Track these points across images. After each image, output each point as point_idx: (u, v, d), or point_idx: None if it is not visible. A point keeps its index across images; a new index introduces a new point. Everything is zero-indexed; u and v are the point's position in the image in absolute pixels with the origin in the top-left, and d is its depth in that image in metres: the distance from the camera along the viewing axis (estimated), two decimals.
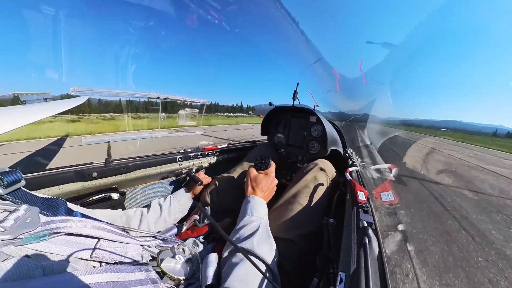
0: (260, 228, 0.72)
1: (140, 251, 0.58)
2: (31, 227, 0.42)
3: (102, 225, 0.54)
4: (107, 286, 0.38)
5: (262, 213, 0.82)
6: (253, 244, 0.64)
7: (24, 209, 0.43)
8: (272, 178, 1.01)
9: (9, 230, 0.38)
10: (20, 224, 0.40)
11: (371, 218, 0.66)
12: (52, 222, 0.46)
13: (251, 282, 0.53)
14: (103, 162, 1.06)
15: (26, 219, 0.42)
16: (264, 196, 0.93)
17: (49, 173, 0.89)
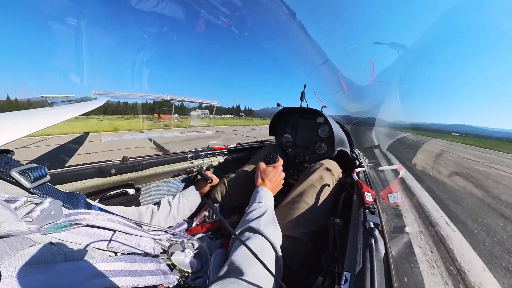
0: (267, 212, 0.75)
1: (152, 244, 0.59)
2: (55, 218, 0.44)
3: (117, 219, 0.56)
4: (121, 274, 0.40)
5: (269, 201, 0.86)
6: (259, 223, 0.67)
7: (48, 202, 0.46)
8: (279, 171, 1.05)
9: (35, 220, 0.40)
10: (45, 215, 0.42)
11: (378, 219, 0.63)
12: (73, 214, 0.49)
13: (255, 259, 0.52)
14: (120, 160, 1.10)
15: (50, 211, 0.44)
16: (272, 187, 0.97)
17: (72, 169, 0.93)
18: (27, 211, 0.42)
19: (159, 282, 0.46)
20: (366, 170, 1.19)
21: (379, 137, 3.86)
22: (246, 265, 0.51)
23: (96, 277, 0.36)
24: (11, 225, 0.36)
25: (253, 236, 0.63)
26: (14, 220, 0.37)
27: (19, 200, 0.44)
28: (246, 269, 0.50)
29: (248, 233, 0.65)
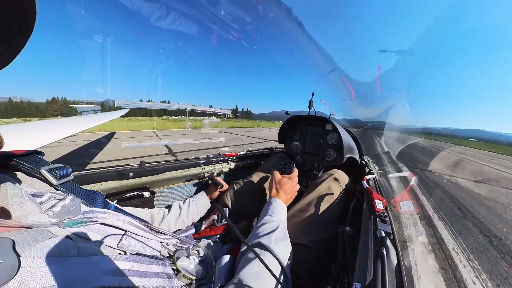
0: (279, 228, 0.71)
1: (159, 247, 0.59)
2: (73, 214, 0.46)
3: (129, 220, 0.57)
4: (128, 273, 0.40)
5: (282, 215, 0.81)
6: (270, 240, 0.63)
7: (69, 199, 0.48)
8: (295, 183, 1.01)
9: (56, 214, 0.42)
10: (65, 211, 0.44)
11: (389, 228, 0.60)
12: (90, 212, 0.51)
13: (264, 278, 0.51)
14: (138, 164, 1.13)
15: (70, 207, 0.46)
16: (286, 199, 0.93)
17: (95, 171, 0.97)
18: (50, 206, 0.44)
19: (163, 285, 0.46)
20: (376, 177, 1.14)
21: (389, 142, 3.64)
22: (254, 284, 0.49)
23: (106, 274, 0.37)
24: (35, 216, 0.38)
25: (262, 254, 0.59)
26: (38, 212, 0.39)
27: (44, 195, 0.47)
28: None
29: (257, 249, 0.61)
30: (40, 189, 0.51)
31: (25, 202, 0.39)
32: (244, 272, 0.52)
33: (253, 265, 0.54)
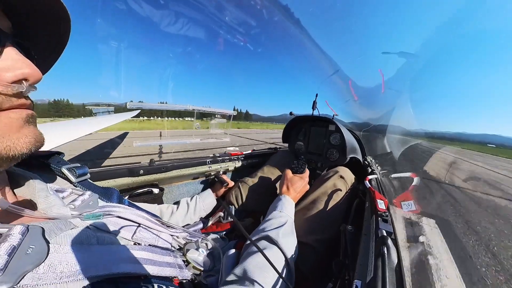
0: (287, 223, 0.72)
1: (170, 240, 0.60)
2: (92, 208, 0.48)
3: (143, 214, 0.58)
4: (143, 261, 0.42)
5: (290, 212, 0.82)
6: (278, 234, 0.64)
7: (88, 194, 0.51)
8: (305, 183, 1.01)
9: (77, 208, 0.44)
10: (84, 205, 0.47)
11: (391, 228, 0.59)
12: (107, 206, 0.52)
13: (268, 270, 0.51)
14: (148, 162, 1.15)
15: (89, 201, 0.49)
16: (295, 197, 0.94)
17: (108, 169, 1.00)
18: (71, 200, 0.47)
19: (175, 274, 0.47)
20: (378, 178, 1.12)
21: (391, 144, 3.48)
22: (258, 275, 0.50)
23: (123, 262, 0.38)
24: (58, 209, 0.40)
25: (269, 247, 0.60)
26: (61, 205, 0.42)
27: (66, 191, 0.49)
28: (258, 279, 0.49)
29: (265, 242, 0.62)
30: (62, 185, 0.54)
31: (50, 196, 0.42)
32: (249, 262, 0.53)
33: (259, 257, 0.54)
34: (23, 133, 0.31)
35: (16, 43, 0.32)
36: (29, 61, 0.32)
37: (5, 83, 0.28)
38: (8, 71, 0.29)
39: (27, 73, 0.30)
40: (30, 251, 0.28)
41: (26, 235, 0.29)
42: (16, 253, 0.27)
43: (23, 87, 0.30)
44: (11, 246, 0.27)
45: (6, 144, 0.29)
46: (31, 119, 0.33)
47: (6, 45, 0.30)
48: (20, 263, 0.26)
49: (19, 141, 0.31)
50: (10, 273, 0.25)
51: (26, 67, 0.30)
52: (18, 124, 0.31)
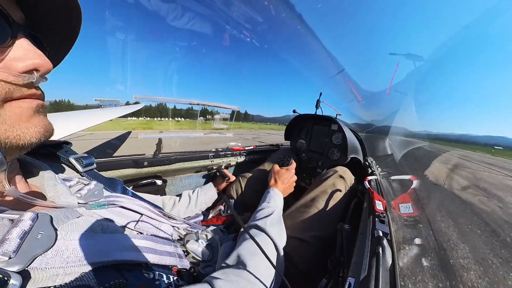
0: (274, 213, 0.74)
1: (171, 230, 0.62)
2: (97, 197, 0.49)
3: (145, 205, 0.60)
4: (144, 250, 0.43)
5: (279, 202, 0.85)
6: (266, 223, 0.66)
7: (94, 184, 0.52)
8: (292, 174, 1.04)
9: (83, 197, 0.45)
10: (90, 194, 0.48)
11: (387, 229, 0.59)
12: (111, 197, 0.54)
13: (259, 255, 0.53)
14: (152, 154, 1.17)
15: (94, 191, 0.50)
16: (284, 188, 0.96)
17: (114, 159, 1.02)
18: (77, 189, 0.48)
19: (175, 263, 0.48)
20: (378, 179, 1.11)
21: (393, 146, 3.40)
22: (250, 258, 0.51)
23: (125, 250, 0.39)
24: (66, 198, 0.41)
25: (257, 234, 0.62)
26: (68, 194, 0.43)
27: (73, 180, 0.50)
28: (249, 262, 0.50)
29: (254, 230, 0.65)
30: (69, 174, 0.55)
31: (57, 185, 0.43)
32: (241, 248, 0.55)
33: (251, 243, 0.56)
34: (33, 122, 0.32)
35: (28, 34, 0.32)
36: (40, 52, 0.32)
37: (16, 73, 0.28)
38: (19, 61, 0.29)
39: (37, 63, 0.30)
40: (40, 237, 0.29)
41: (36, 221, 0.30)
42: (27, 238, 0.28)
43: (33, 77, 0.30)
44: (22, 231, 0.28)
45: (16, 133, 0.29)
46: (41, 109, 0.33)
47: (19, 36, 0.30)
48: (31, 247, 0.27)
49: (29, 130, 0.31)
50: (22, 256, 0.26)
51: (37, 57, 0.30)
52: (28, 113, 0.31)
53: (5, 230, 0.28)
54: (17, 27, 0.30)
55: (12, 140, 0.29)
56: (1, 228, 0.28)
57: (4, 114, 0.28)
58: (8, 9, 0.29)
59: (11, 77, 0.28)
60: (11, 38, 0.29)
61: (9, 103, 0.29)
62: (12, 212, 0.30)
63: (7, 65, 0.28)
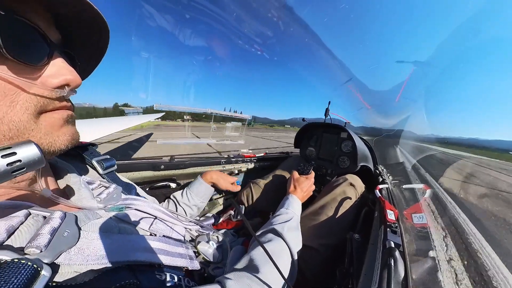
0: (292, 219, 0.72)
1: (183, 232, 0.62)
2: (115, 200, 0.51)
3: (159, 207, 0.61)
4: (158, 251, 0.43)
5: (297, 209, 0.82)
6: (283, 228, 0.64)
7: (113, 187, 0.53)
8: (311, 183, 1.01)
9: (103, 200, 0.47)
10: (109, 198, 0.49)
11: (399, 240, 0.55)
12: (128, 199, 0.55)
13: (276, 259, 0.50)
14: (168, 158, 1.20)
15: (113, 194, 0.51)
16: (302, 196, 0.93)
17: (133, 162, 1.06)
18: (98, 193, 0.50)
19: (186, 265, 0.48)
20: (389, 187, 1.05)
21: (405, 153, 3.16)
22: (263, 264, 0.50)
23: (139, 251, 0.40)
24: (88, 201, 0.43)
25: (275, 239, 0.60)
26: (90, 198, 0.45)
27: (95, 183, 0.53)
28: (262, 268, 0.48)
29: (271, 234, 0.63)
30: (92, 176, 0.58)
31: (81, 189, 0.45)
32: (255, 253, 0.53)
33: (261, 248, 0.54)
34: (63, 131, 0.35)
35: (62, 51, 0.34)
36: (72, 68, 0.34)
37: (50, 88, 0.31)
38: (53, 77, 0.32)
39: (69, 79, 0.33)
40: (66, 234, 0.31)
41: (64, 220, 0.32)
42: (56, 234, 0.29)
43: (64, 92, 0.33)
44: (53, 228, 0.30)
45: (49, 140, 0.32)
46: (70, 119, 0.36)
47: (54, 55, 0.32)
48: (58, 243, 0.29)
49: (59, 138, 0.34)
50: (51, 250, 0.27)
51: (69, 73, 0.33)
52: (59, 123, 0.34)
53: (38, 226, 0.30)
54: (53, 46, 0.32)
55: (45, 146, 0.32)
56: (36, 223, 0.30)
57: (40, 124, 0.31)
58: (46, 30, 0.31)
59: (46, 92, 0.31)
60: (48, 57, 0.31)
61: (44, 114, 0.32)
62: (44, 210, 0.32)
63: (43, 81, 0.31)
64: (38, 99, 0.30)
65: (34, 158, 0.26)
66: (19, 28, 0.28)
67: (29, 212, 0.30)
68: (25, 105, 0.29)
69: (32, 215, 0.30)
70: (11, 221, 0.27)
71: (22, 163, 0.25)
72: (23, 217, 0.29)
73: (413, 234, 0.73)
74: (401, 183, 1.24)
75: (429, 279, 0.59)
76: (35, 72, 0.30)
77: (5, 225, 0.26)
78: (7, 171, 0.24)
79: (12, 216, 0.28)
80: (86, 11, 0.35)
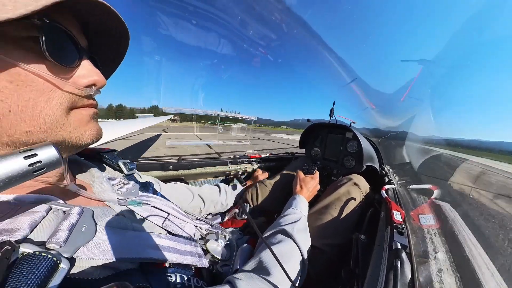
0: (301, 220, 0.72)
1: (193, 230, 0.63)
2: (134, 195, 0.53)
3: (173, 206, 0.63)
4: (167, 249, 0.44)
5: (304, 209, 0.82)
6: (293, 229, 0.64)
7: (132, 184, 0.57)
8: (316, 182, 1.01)
9: (122, 194, 0.50)
10: (128, 192, 0.52)
11: (406, 241, 0.53)
12: (145, 196, 0.58)
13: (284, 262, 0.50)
14: (177, 159, 1.22)
15: (132, 190, 0.55)
16: (308, 195, 0.94)
17: (144, 162, 1.09)
18: (118, 187, 0.53)
19: (194, 262, 0.48)
20: (396, 188, 1.03)
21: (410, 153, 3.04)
22: (273, 266, 0.49)
23: (150, 248, 0.41)
24: (109, 194, 0.46)
25: (285, 240, 0.60)
26: (110, 191, 0.47)
27: (116, 179, 0.57)
28: (272, 270, 0.48)
29: (281, 235, 0.63)
30: (114, 175, 0.61)
31: (104, 183, 0.48)
32: (266, 254, 0.53)
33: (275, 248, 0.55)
34: (89, 127, 0.37)
35: (89, 56, 0.38)
36: (98, 70, 0.37)
37: (80, 87, 0.34)
38: (83, 78, 0.35)
39: (96, 80, 0.36)
40: (84, 230, 0.32)
41: (81, 215, 0.34)
42: (74, 230, 0.31)
43: (92, 91, 0.36)
44: (71, 224, 0.31)
45: (77, 134, 0.35)
46: (95, 116, 0.39)
47: (83, 58, 0.36)
48: (76, 238, 0.30)
49: (86, 133, 0.36)
50: (70, 245, 0.29)
51: (95, 75, 0.36)
52: (86, 119, 0.37)
53: (58, 221, 0.31)
54: (83, 51, 0.35)
55: (74, 140, 0.34)
56: (56, 218, 0.31)
57: (70, 119, 0.34)
58: (77, 36, 0.35)
59: (77, 90, 0.34)
60: (78, 60, 0.35)
61: (74, 110, 0.35)
62: (64, 205, 0.34)
63: (74, 81, 0.34)
64: (70, 97, 0.33)
65: (53, 159, 0.27)
66: (58, 34, 0.31)
67: (50, 207, 0.32)
68: (59, 101, 0.32)
69: (53, 210, 0.32)
70: (34, 216, 0.28)
71: (42, 164, 0.26)
72: (44, 212, 0.30)
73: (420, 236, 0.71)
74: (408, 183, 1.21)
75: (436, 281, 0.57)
76: (68, 73, 0.33)
77: (28, 220, 0.27)
78: (29, 171, 0.25)
79: (35, 211, 0.29)
80: (112, 20, 0.38)
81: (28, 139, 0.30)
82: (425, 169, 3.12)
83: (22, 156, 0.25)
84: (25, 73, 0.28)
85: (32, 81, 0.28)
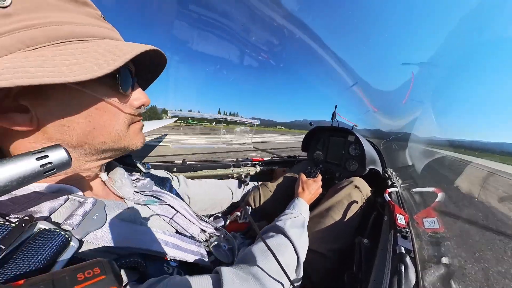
0: (296, 218, 0.70)
1: (198, 231, 0.63)
2: (148, 189, 0.60)
3: (183, 205, 0.64)
4: (172, 246, 0.46)
5: (303, 211, 0.80)
6: (285, 224, 0.63)
7: (147, 180, 0.63)
8: (319, 185, 1.00)
9: (137, 187, 0.57)
10: (142, 186, 0.60)
11: (410, 245, 0.52)
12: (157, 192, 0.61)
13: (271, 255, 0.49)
14: (181, 161, 1.24)
15: (146, 184, 0.62)
16: (310, 198, 0.93)
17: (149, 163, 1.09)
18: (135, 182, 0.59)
19: (197, 261, 0.49)
20: (399, 191, 1.01)
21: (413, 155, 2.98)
22: (261, 256, 0.49)
23: (155, 242, 0.43)
24: (127, 188, 0.51)
25: (275, 235, 0.60)
26: (128, 186, 0.53)
27: (134, 175, 0.63)
28: (260, 260, 0.47)
29: (272, 232, 0.62)
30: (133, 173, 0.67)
31: (124, 178, 0.54)
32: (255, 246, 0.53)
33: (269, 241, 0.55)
34: (140, 136, 0.47)
35: (136, 81, 0.46)
36: (145, 93, 0.46)
37: (135, 108, 0.43)
38: (136, 100, 0.44)
39: (144, 101, 0.45)
40: (95, 217, 0.36)
41: (94, 205, 0.38)
42: (87, 217, 0.35)
43: (143, 110, 0.45)
44: (85, 211, 0.35)
45: (133, 142, 0.44)
46: (142, 127, 0.48)
47: (135, 85, 0.44)
48: (88, 224, 0.34)
49: (138, 141, 0.46)
50: (81, 229, 0.32)
51: (144, 97, 0.45)
52: (138, 131, 0.46)
53: (74, 208, 0.35)
54: (134, 79, 0.44)
55: (131, 147, 0.44)
56: (72, 206, 0.35)
57: (129, 131, 0.43)
58: (131, 67, 0.43)
59: (133, 111, 0.43)
60: (132, 87, 0.43)
61: (131, 125, 0.43)
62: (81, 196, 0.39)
63: (131, 103, 0.42)
64: (129, 116, 0.42)
65: (63, 160, 0.28)
66: (126, 72, 0.40)
67: (68, 197, 0.37)
68: (123, 120, 0.41)
69: (70, 199, 0.37)
70: (54, 203, 0.33)
71: (53, 165, 0.27)
72: (63, 201, 0.35)
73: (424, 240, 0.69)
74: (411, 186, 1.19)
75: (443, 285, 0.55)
76: (127, 98, 0.42)
77: (49, 205, 0.32)
78: (40, 172, 0.26)
79: (55, 200, 0.34)
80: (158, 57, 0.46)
81: (101, 147, 0.39)
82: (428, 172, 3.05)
83: (34, 157, 0.26)
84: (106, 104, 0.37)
85: (109, 107, 0.38)
